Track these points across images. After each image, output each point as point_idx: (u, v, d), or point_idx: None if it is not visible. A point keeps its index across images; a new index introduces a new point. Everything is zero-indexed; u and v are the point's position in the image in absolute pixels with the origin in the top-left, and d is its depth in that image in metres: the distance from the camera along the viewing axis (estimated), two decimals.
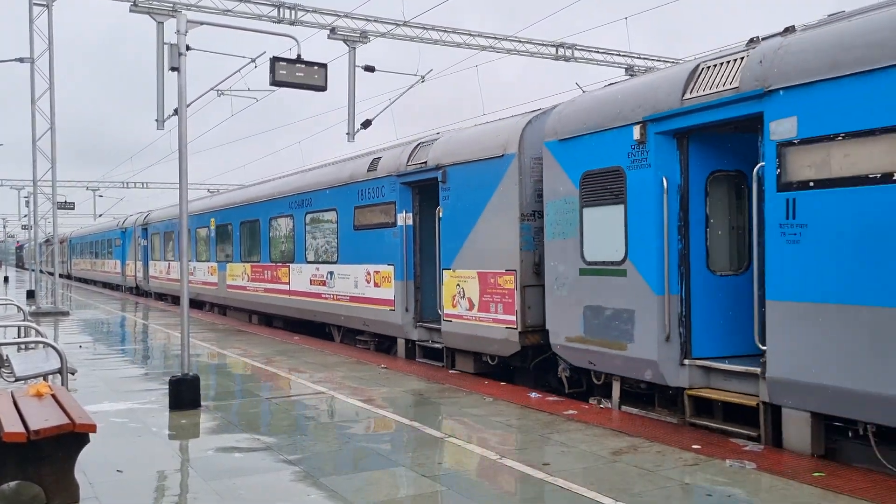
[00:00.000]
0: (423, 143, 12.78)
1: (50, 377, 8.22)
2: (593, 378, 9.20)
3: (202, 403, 9.06)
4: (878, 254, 6.08)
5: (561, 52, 23.54)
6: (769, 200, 6.95)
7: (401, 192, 12.93)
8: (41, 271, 27.03)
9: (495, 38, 22.65)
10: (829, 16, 7.14)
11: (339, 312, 15.12)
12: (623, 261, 8.44)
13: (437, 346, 12.38)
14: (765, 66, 7.04)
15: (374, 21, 20.32)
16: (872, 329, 6.05)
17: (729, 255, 8.28)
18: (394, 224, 13.08)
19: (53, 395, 6.39)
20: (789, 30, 7.21)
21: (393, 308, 13.13)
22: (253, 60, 17.38)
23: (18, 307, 12.62)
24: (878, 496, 5.47)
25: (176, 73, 9.16)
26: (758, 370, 7.09)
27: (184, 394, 8.90)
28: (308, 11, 19.57)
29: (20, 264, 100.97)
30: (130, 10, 17.42)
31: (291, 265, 17.25)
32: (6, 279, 52.20)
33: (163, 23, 17.57)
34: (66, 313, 23.07)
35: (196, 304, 24.51)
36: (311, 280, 16.25)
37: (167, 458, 6.85)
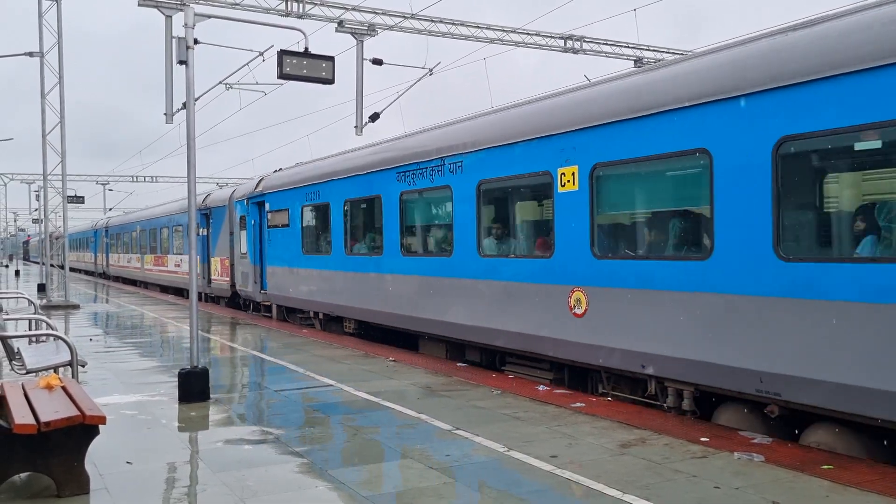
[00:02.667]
0: (209, 195, 24.98)
1: (60, 369, 8.28)
2: (248, 303, 21.45)
3: (211, 396, 9.12)
4: (280, 250, 18.25)
5: (570, 44, 23.44)
6: (264, 231, 19.46)
7: (201, 218, 24.59)
8: (52, 265, 27.58)
9: (503, 31, 22.57)
10: (296, 164, 18.72)
11: (182, 280, 27.72)
12: (246, 253, 20.56)
13: (212, 295, 24.54)
14: (264, 184, 19.28)
15: (382, 14, 20.28)
16: (287, 273, 17.90)
17: None
18: (199, 234, 23.92)
19: (64, 388, 6.43)
20: (276, 170, 19.35)
21: (200, 278, 24.51)
22: (261, 54, 17.38)
23: (29, 300, 12.69)
24: (887, 489, 5.45)
25: (184, 66, 9.18)
26: (267, 292, 19.17)
27: (193, 386, 8.95)
28: (316, 4, 19.55)
29: (26, 257, 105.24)
30: (139, 5, 17.44)
31: (168, 255, 30.34)
32: (17, 273, 52.55)
33: (171, 16, 17.59)
34: (76, 306, 23.20)
35: (131, 281, 38.24)
36: (175, 264, 28.97)
37: (176, 450, 6.89)
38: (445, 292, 11.53)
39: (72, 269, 54.18)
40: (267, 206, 18.89)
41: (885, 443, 6.48)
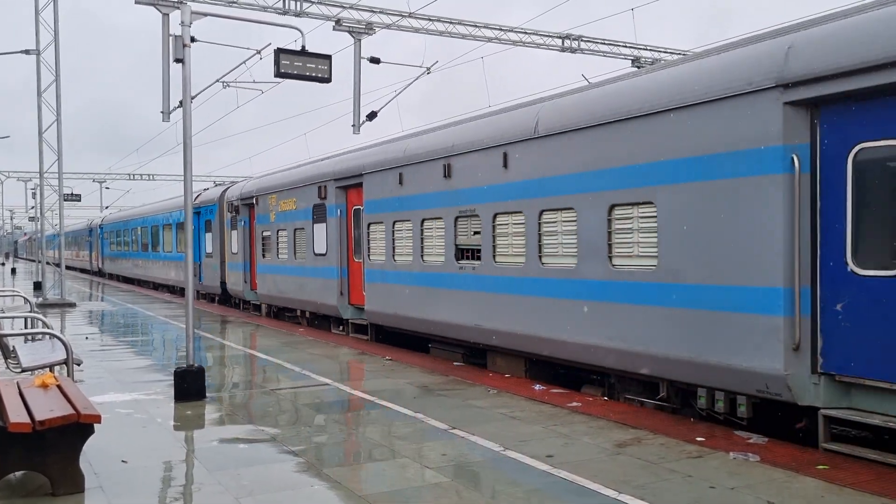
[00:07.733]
0: (92, 220, 48.94)
1: (56, 368, 8.26)
2: (106, 274, 45.40)
3: (207, 394, 9.11)
4: (108, 250, 44.21)
5: (567, 43, 23.44)
6: (104, 241, 45.48)
7: (89, 232, 48.51)
8: (48, 263, 27.78)
9: (500, 30, 22.56)
10: (119, 209, 48.25)
11: (88, 265, 52.00)
12: (101, 251, 47.11)
13: (92, 271, 49.18)
14: (103, 220, 46.23)
15: (380, 12, 20.25)
16: (114, 259, 42.64)
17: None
18: (88, 240, 50.14)
19: (59, 386, 6.42)
20: (111, 213, 48.15)
21: (89, 262, 50.87)
22: (258, 52, 17.28)
23: (25, 298, 12.66)
24: (883, 489, 5.46)
25: (181, 64, 9.16)
26: (106, 270, 46.54)
27: (189, 385, 8.93)
28: (313, 3, 19.52)
29: (16, 255, 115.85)
30: (136, 2, 17.39)
31: (81, 251, 54.08)
32: (14, 271, 52.47)
33: (168, 14, 17.53)
34: (72, 305, 23.16)
35: (74, 268, 56.75)
36: (84, 257, 52.36)
37: (172, 449, 6.88)
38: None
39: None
40: (104, 229, 42.06)
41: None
